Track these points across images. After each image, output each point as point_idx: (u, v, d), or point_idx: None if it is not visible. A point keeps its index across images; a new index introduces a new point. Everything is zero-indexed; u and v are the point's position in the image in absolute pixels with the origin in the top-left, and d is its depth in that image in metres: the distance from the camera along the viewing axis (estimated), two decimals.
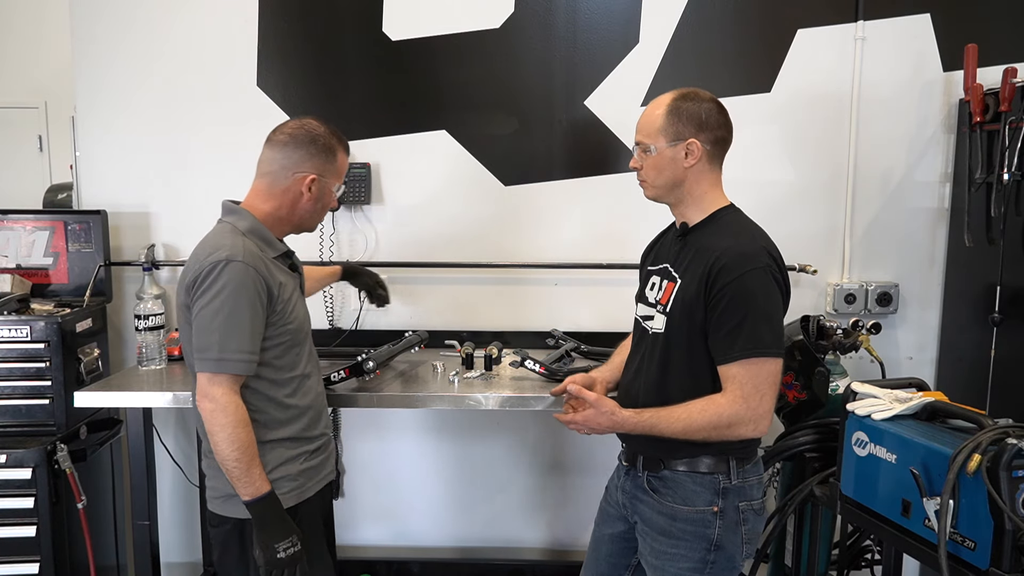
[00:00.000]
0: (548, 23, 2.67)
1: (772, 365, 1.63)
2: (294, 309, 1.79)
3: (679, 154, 1.70)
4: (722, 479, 1.70)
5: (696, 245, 1.72)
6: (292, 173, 1.77)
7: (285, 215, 1.80)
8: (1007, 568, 1.46)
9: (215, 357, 1.63)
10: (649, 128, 1.72)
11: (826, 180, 2.71)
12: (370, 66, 2.71)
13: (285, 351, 1.77)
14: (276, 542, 1.66)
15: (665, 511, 1.74)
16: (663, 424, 1.65)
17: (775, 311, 1.66)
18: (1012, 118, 2.30)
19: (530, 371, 2.30)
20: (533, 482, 2.91)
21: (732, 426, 1.62)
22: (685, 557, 1.71)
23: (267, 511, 1.67)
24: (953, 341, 2.71)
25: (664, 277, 1.78)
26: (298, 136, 1.78)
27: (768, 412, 1.64)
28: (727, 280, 1.62)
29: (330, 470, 1.93)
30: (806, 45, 2.64)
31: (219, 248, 1.67)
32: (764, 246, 1.68)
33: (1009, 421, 1.59)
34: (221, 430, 1.63)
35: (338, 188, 1.86)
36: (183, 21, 2.69)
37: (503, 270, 2.77)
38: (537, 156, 2.74)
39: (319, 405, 1.89)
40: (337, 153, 1.82)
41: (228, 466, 1.64)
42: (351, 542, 2.96)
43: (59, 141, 4.16)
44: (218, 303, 1.63)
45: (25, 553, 2.29)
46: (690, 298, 1.68)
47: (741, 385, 1.61)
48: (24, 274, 2.66)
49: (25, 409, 2.36)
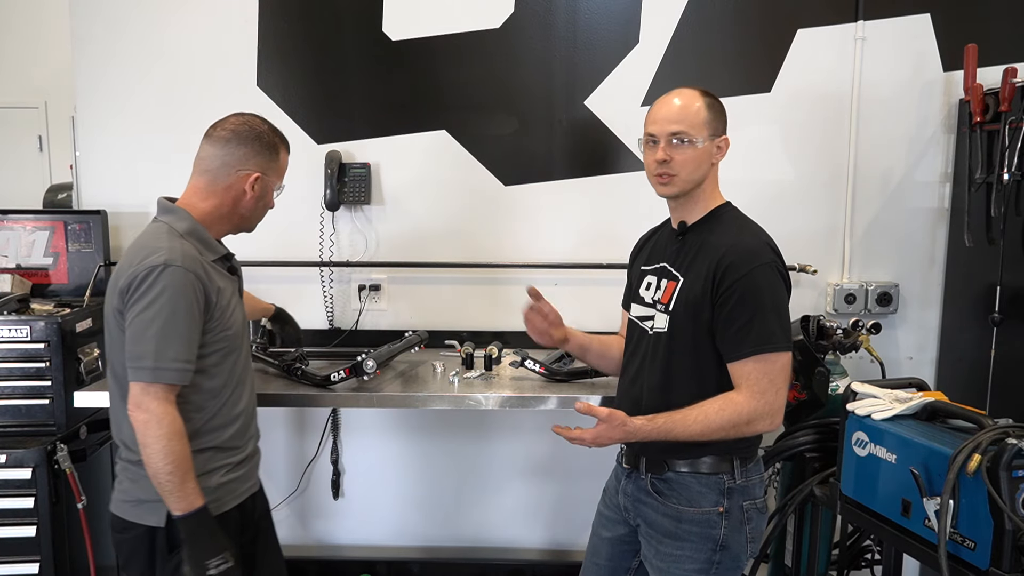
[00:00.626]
0: (548, 23, 2.67)
1: (784, 359, 1.64)
2: (232, 314, 1.73)
3: (714, 149, 1.71)
4: (726, 479, 1.70)
5: (698, 243, 1.72)
6: (235, 170, 1.72)
7: (226, 214, 1.75)
8: (1007, 568, 1.46)
9: (150, 366, 1.56)
10: (693, 119, 1.68)
11: (826, 180, 2.71)
12: (370, 66, 2.71)
13: (222, 358, 1.71)
14: (208, 558, 1.59)
15: (670, 513, 1.73)
16: (679, 428, 1.64)
17: (783, 306, 1.66)
18: (1012, 118, 2.30)
19: (530, 371, 2.30)
20: (533, 482, 2.91)
21: (751, 423, 1.62)
22: (691, 559, 1.70)
23: (200, 527, 1.60)
24: (953, 341, 2.71)
25: (662, 276, 1.78)
26: (241, 133, 1.73)
27: (782, 406, 1.65)
28: (735, 277, 1.62)
29: (253, 483, 1.85)
30: (806, 45, 2.64)
31: (156, 251, 1.61)
32: (767, 242, 1.70)
33: (1009, 421, 1.59)
34: (155, 442, 1.56)
35: (279, 188, 1.83)
36: (183, 21, 2.69)
37: (503, 270, 2.76)
38: (537, 156, 2.74)
39: (249, 413, 1.83)
40: (280, 151, 1.78)
41: (160, 479, 1.56)
42: (351, 542, 2.96)
43: (59, 141, 4.16)
44: (154, 310, 1.57)
45: (25, 553, 2.29)
46: (695, 296, 1.67)
47: (756, 381, 1.61)
48: (24, 274, 2.66)
49: (25, 409, 2.35)
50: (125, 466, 1.71)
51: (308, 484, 2.93)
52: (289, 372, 2.33)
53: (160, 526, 1.64)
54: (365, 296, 2.78)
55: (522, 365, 2.29)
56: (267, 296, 2.81)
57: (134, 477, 1.67)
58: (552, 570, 2.88)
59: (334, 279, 2.80)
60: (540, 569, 2.88)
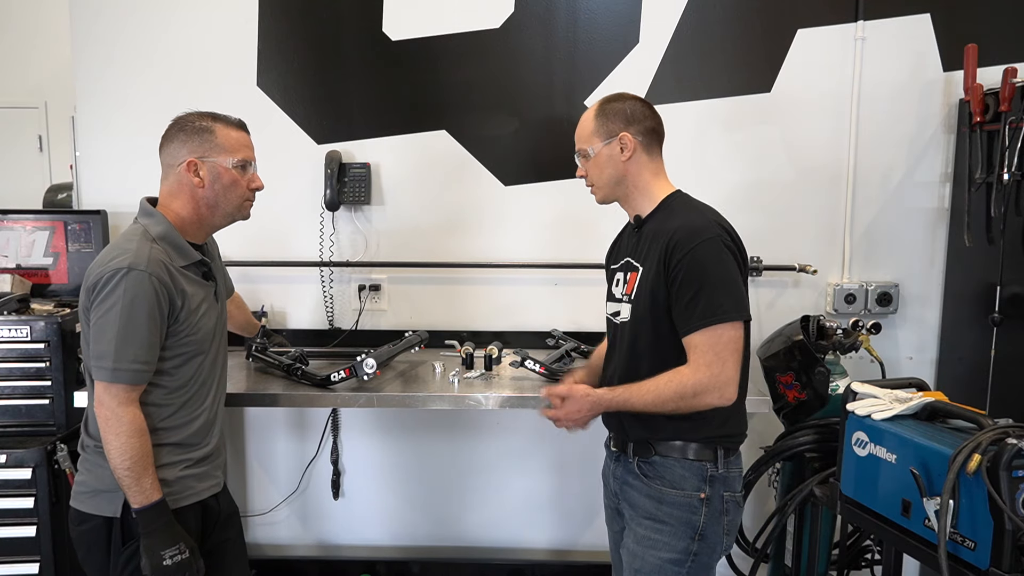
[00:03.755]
0: (548, 23, 2.67)
1: (732, 331, 1.65)
2: (200, 319, 1.75)
3: (615, 150, 1.78)
4: (709, 467, 1.74)
5: (652, 232, 1.77)
6: (175, 167, 1.74)
7: (194, 209, 1.76)
8: (1007, 568, 1.46)
9: (110, 367, 1.61)
10: (583, 134, 1.82)
11: (826, 180, 2.71)
12: (370, 66, 2.71)
13: (185, 361, 1.73)
14: (162, 549, 1.64)
15: (653, 494, 1.76)
16: (635, 398, 1.69)
17: (731, 278, 1.68)
18: (1012, 118, 2.30)
19: (530, 371, 2.30)
20: (533, 482, 2.91)
21: (698, 395, 1.64)
22: (668, 546, 1.73)
23: (156, 519, 1.65)
24: (953, 341, 2.71)
25: (627, 270, 1.83)
26: (169, 132, 1.76)
27: (732, 379, 1.65)
28: (681, 254, 1.66)
29: (216, 482, 1.85)
30: (806, 45, 2.65)
31: (123, 253, 1.64)
32: (714, 219, 1.73)
33: (1009, 421, 1.59)
34: (115, 438, 1.62)
35: (240, 163, 1.77)
36: (183, 21, 2.70)
37: (503, 270, 2.77)
38: (537, 156, 2.74)
39: (213, 412, 1.84)
40: (214, 130, 1.75)
41: (119, 473, 1.62)
42: (351, 542, 2.96)
43: (59, 141, 4.15)
44: (115, 312, 1.61)
45: (25, 553, 2.29)
46: (652, 280, 1.72)
47: (703, 353, 1.64)
48: (24, 274, 2.66)
49: (25, 409, 2.35)
50: (84, 456, 1.75)
51: (308, 484, 2.93)
52: (289, 372, 2.33)
53: (116, 516, 1.68)
54: (365, 296, 2.78)
55: (522, 365, 2.29)
56: (267, 296, 2.81)
57: (91, 467, 1.72)
58: (552, 570, 2.88)
59: (334, 279, 2.80)
60: (540, 569, 2.88)
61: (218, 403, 1.88)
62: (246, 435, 2.91)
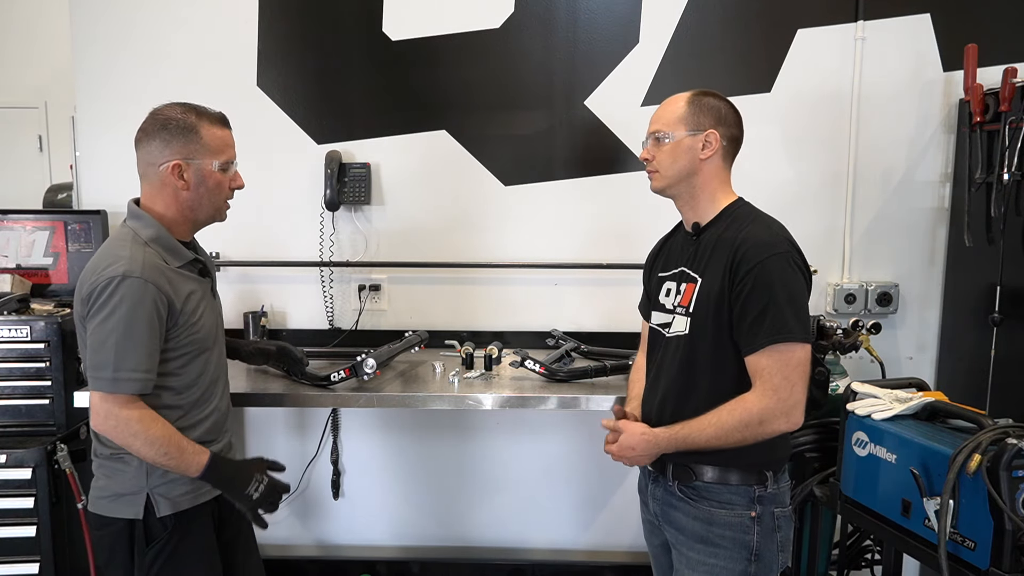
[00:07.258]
0: (548, 23, 2.67)
1: (801, 352, 1.57)
2: (201, 317, 1.72)
3: (697, 144, 1.70)
4: (757, 489, 1.66)
5: (713, 241, 1.70)
6: (157, 167, 1.68)
7: (176, 211, 1.71)
8: (1007, 568, 1.46)
9: (110, 377, 1.57)
10: (669, 117, 1.72)
11: (826, 180, 2.71)
12: (370, 66, 2.71)
13: (191, 359, 1.71)
14: (244, 490, 1.69)
15: (701, 516, 1.68)
16: (695, 433, 1.61)
17: (799, 298, 1.60)
18: (1012, 118, 2.30)
19: (530, 371, 2.30)
20: (533, 482, 2.91)
21: (764, 422, 1.57)
22: (725, 570, 1.65)
23: (220, 473, 1.68)
24: (953, 341, 2.71)
25: (681, 280, 1.75)
26: (149, 128, 1.68)
27: (800, 402, 1.58)
28: (748, 268, 1.59)
29: None
30: (806, 45, 2.65)
31: (117, 260, 1.60)
32: (782, 234, 1.67)
33: (1009, 421, 1.59)
34: (135, 439, 1.60)
35: (223, 164, 1.72)
36: (183, 21, 2.69)
37: (503, 270, 2.76)
38: (537, 156, 2.74)
39: (222, 410, 1.83)
40: (199, 129, 1.68)
41: (160, 462, 1.62)
42: (351, 542, 2.96)
43: (59, 141, 4.15)
44: (113, 321, 1.57)
45: (25, 553, 2.29)
46: (715, 295, 1.64)
47: (770, 376, 1.57)
48: (24, 274, 2.66)
49: (25, 409, 2.35)
50: (100, 463, 1.73)
51: (308, 484, 2.93)
52: (289, 372, 2.33)
53: (139, 518, 1.67)
54: (365, 296, 2.78)
55: (522, 365, 2.29)
56: (267, 296, 2.81)
57: (109, 473, 1.70)
58: (553, 570, 2.88)
59: (334, 279, 2.80)
60: (540, 569, 2.88)
61: (226, 400, 1.88)
62: (246, 435, 2.91)
